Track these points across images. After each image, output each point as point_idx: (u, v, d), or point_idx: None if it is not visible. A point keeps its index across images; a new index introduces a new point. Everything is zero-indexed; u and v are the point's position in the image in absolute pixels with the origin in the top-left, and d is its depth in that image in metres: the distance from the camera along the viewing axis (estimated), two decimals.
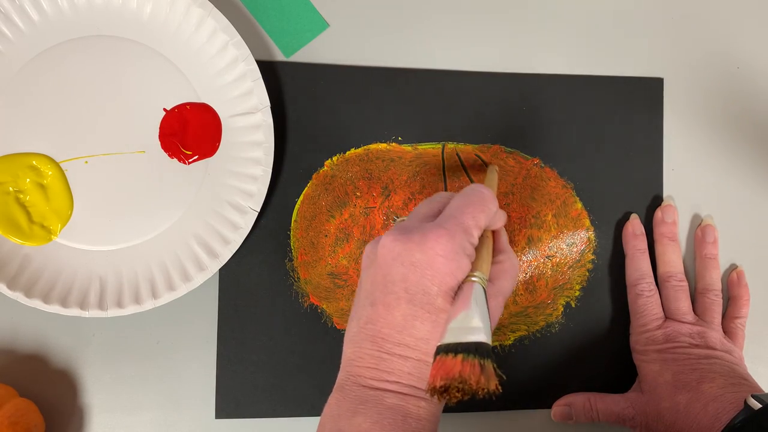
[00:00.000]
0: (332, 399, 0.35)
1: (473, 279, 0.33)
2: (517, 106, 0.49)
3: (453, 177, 0.48)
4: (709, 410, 0.42)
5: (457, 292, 0.33)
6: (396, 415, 0.33)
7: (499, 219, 0.38)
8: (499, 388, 0.31)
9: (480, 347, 0.31)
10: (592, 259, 0.49)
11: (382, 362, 0.33)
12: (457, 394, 0.31)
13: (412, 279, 0.33)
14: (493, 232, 0.38)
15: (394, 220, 0.37)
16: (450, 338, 0.32)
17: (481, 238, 0.36)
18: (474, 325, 0.31)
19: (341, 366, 0.36)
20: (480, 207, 0.35)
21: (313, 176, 0.48)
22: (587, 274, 0.49)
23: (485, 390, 0.30)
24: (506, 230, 0.48)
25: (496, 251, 0.38)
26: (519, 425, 0.49)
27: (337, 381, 0.35)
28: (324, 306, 0.47)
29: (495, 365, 0.31)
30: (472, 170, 0.48)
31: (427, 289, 0.33)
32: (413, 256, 0.33)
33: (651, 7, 0.51)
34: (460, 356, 0.31)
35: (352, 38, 0.48)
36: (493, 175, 0.44)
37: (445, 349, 0.31)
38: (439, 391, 0.31)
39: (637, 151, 0.50)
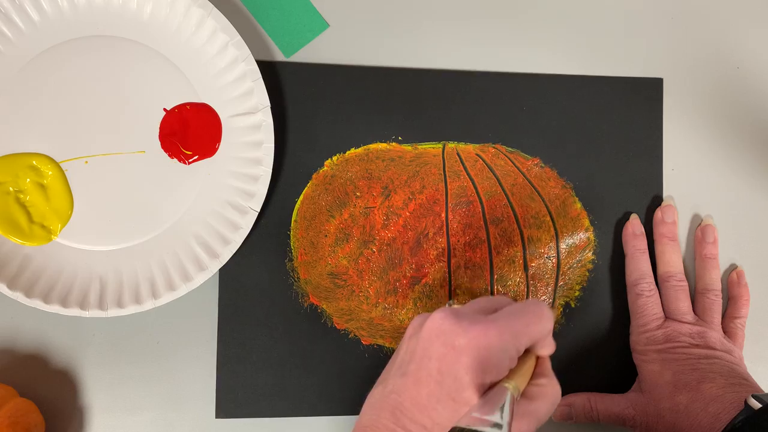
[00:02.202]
0: None
1: (506, 386, 0.32)
2: (517, 106, 0.49)
3: (453, 177, 0.48)
4: (709, 410, 0.42)
5: (487, 391, 0.33)
6: None
7: (547, 345, 0.37)
8: None
9: None
10: (592, 259, 0.49)
11: None
12: None
13: (448, 361, 0.33)
14: (538, 357, 0.37)
15: (449, 304, 0.37)
16: (468, 424, 0.31)
17: (526, 355, 0.36)
18: (494, 421, 0.31)
19: (355, 428, 0.35)
20: (536, 320, 0.35)
21: (313, 176, 0.48)
22: (587, 274, 0.49)
23: None
24: (506, 230, 0.48)
25: (538, 375, 0.37)
26: None
27: None
28: (324, 306, 0.47)
29: None
30: (472, 170, 0.48)
31: (459, 377, 0.32)
32: (457, 340, 0.33)
33: (651, 7, 0.51)
34: None
35: (352, 38, 0.48)
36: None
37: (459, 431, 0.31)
38: None
39: (637, 151, 0.50)
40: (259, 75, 0.45)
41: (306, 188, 0.47)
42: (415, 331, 0.35)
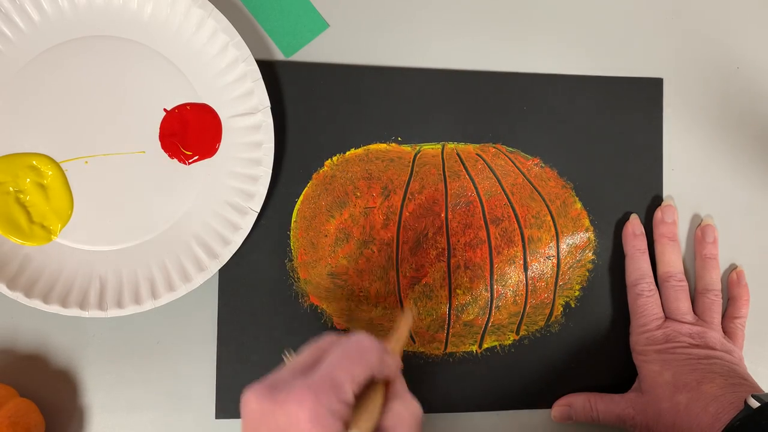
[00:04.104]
0: None
1: None
2: (517, 106, 0.49)
3: (453, 177, 0.48)
4: (709, 410, 0.42)
5: None
6: None
7: (389, 368, 0.34)
8: None
9: None
10: (592, 259, 0.49)
11: None
12: None
13: None
14: (387, 381, 0.35)
15: (284, 357, 0.35)
16: None
17: (369, 389, 0.34)
18: None
19: None
20: (357, 360, 0.32)
21: (313, 176, 0.48)
22: (587, 274, 0.49)
23: None
24: (507, 230, 0.48)
25: (390, 399, 0.34)
26: (519, 425, 0.49)
27: None
28: (324, 306, 0.47)
29: None
30: (472, 170, 0.48)
31: None
32: (277, 419, 0.31)
33: (651, 7, 0.51)
34: None
35: (352, 38, 0.48)
36: (407, 319, 0.42)
37: None
38: None
39: (637, 151, 0.50)
40: (259, 75, 0.45)
41: (306, 188, 0.47)
42: (243, 412, 0.33)
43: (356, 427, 0.32)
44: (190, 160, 0.46)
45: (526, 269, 0.48)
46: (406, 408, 0.34)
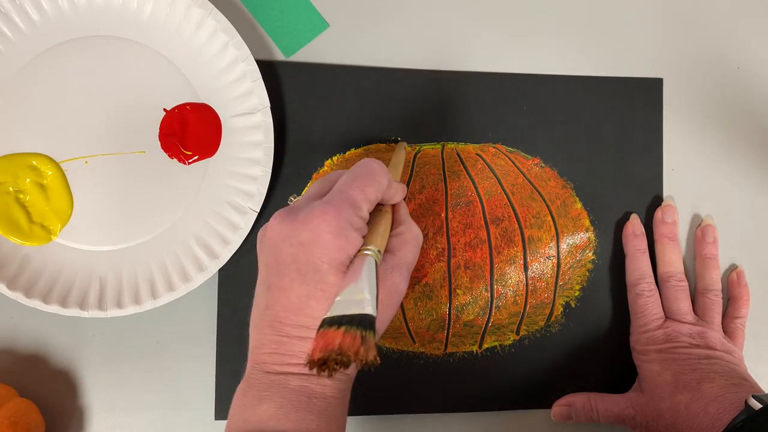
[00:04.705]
0: (239, 390, 0.35)
1: (365, 252, 0.33)
2: (517, 106, 0.49)
3: (453, 177, 0.48)
4: (709, 411, 0.42)
5: (349, 266, 0.33)
6: (300, 396, 0.33)
7: (396, 192, 0.37)
8: (378, 359, 0.30)
9: (364, 319, 0.30)
10: (592, 259, 0.49)
11: (283, 346, 0.33)
12: (335, 366, 0.30)
13: (302, 258, 0.32)
14: (394, 206, 0.38)
15: (289, 200, 0.37)
16: (336, 311, 0.31)
17: (378, 212, 0.36)
18: (360, 297, 0.31)
19: (248, 356, 0.35)
20: (369, 180, 0.35)
21: (313, 176, 0.48)
22: (587, 274, 0.49)
23: (363, 361, 0.30)
24: (507, 230, 0.48)
25: (396, 223, 0.37)
26: (519, 425, 0.49)
27: (245, 372, 0.35)
28: None
29: (375, 336, 0.30)
30: (472, 170, 0.48)
31: (318, 267, 0.32)
32: (300, 236, 0.33)
33: (651, 7, 0.51)
34: (342, 328, 0.30)
35: (352, 38, 0.48)
36: (400, 151, 0.44)
37: (329, 322, 0.31)
38: (318, 364, 0.30)
39: (637, 151, 0.50)
40: (259, 75, 0.45)
41: (306, 188, 0.47)
42: (262, 243, 0.35)
43: (373, 244, 0.34)
44: (190, 160, 0.46)
45: (526, 269, 0.48)
46: (410, 230, 0.37)
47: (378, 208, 0.36)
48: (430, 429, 0.48)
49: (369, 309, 0.31)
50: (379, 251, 0.34)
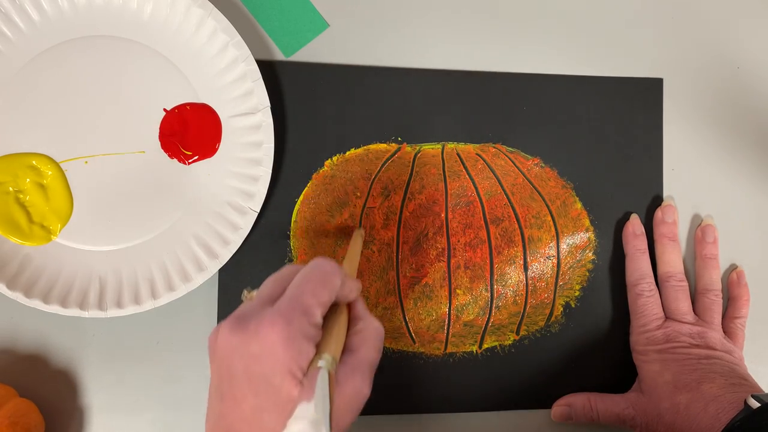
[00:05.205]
0: None
1: (319, 365, 0.31)
2: (517, 106, 0.49)
3: (453, 177, 0.48)
4: (709, 410, 0.42)
5: (303, 377, 0.32)
6: None
7: (351, 290, 0.35)
8: None
9: None
10: (592, 259, 0.49)
11: None
12: None
13: (253, 371, 0.31)
14: (350, 303, 0.36)
15: (243, 296, 0.35)
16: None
17: (332, 313, 0.35)
18: (313, 417, 0.30)
19: None
20: (321, 284, 0.33)
21: (313, 176, 0.48)
22: (587, 274, 0.49)
23: None
24: (507, 230, 0.48)
25: (354, 320, 0.36)
26: (519, 425, 0.49)
27: None
28: None
29: None
30: (472, 170, 0.48)
31: (270, 380, 0.31)
32: (250, 348, 0.31)
33: (651, 7, 0.51)
34: None
35: (352, 38, 0.48)
36: (357, 241, 0.43)
37: None
38: None
39: (637, 151, 0.50)
40: (259, 75, 0.45)
41: (306, 188, 0.47)
42: (213, 350, 0.34)
43: (327, 351, 0.32)
44: (190, 160, 0.46)
45: (526, 269, 0.48)
46: (369, 327, 0.35)
47: (332, 309, 0.35)
48: (430, 429, 0.48)
49: (321, 429, 0.30)
50: (334, 359, 0.32)
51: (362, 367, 0.34)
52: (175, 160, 0.46)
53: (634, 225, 0.49)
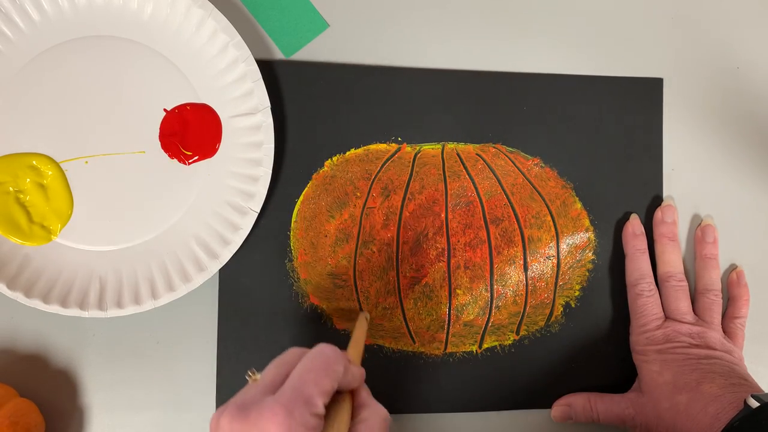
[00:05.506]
0: None
1: None
2: (517, 106, 0.49)
3: (453, 177, 0.48)
4: (709, 410, 0.42)
5: None
6: None
7: (354, 377, 0.35)
8: None
9: None
10: (592, 259, 0.49)
11: None
12: None
13: None
14: (353, 390, 0.36)
15: (248, 376, 0.35)
16: None
17: (336, 401, 0.34)
18: None
19: None
20: (323, 372, 0.33)
21: (313, 176, 0.48)
22: (587, 274, 0.49)
23: None
24: (507, 230, 0.48)
25: (358, 408, 0.35)
26: (519, 425, 0.49)
27: None
28: (324, 306, 0.47)
29: None
30: (472, 170, 0.48)
31: None
32: None
33: (651, 7, 0.51)
34: None
35: (352, 38, 0.48)
36: (361, 325, 0.43)
37: None
38: None
39: (637, 151, 0.50)
40: (260, 75, 0.45)
41: (306, 188, 0.47)
42: None
43: None
44: (190, 160, 0.46)
45: (526, 269, 0.48)
46: (374, 414, 0.35)
47: (335, 397, 0.34)
48: (430, 429, 0.48)
49: None
50: None
51: None
52: (175, 160, 0.46)
53: (634, 225, 0.49)
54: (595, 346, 0.49)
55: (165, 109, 0.46)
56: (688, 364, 0.44)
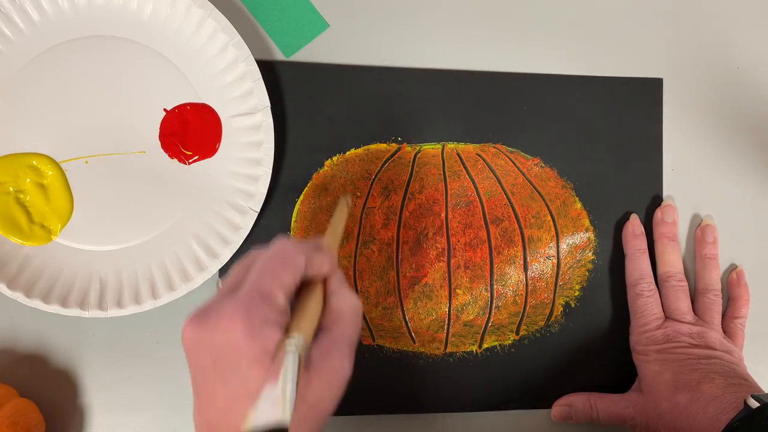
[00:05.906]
0: None
1: (287, 347, 0.31)
2: (517, 106, 0.49)
3: (453, 177, 0.48)
4: (709, 410, 0.42)
5: (274, 359, 0.31)
6: None
7: (322, 264, 0.34)
8: None
9: (276, 430, 0.29)
10: (592, 259, 0.49)
11: None
12: None
13: (220, 362, 0.31)
14: (326, 279, 0.35)
15: (218, 284, 0.34)
16: (251, 421, 0.30)
17: (304, 290, 0.34)
18: (275, 397, 0.30)
19: None
20: (281, 265, 0.32)
21: (313, 176, 0.48)
22: (587, 274, 0.49)
23: None
24: (507, 230, 0.48)
25: (328, 296, 0.34)
26: (519, 425, 0.49)
27: None
28: None
29: None
30: (472, 170, 0.48)
31: (236, 368, 0.30)
32: (213, 341, 0.31)
33: (651, 7, 0.51)
34: None
35: (352, 38, 0.48)
36: (342, 210, 0.42)
37: None
38: None
39: (637, 151, 0.50)
40: (260, 75, 0.45)
41: (306, 188, 0.47)
42: (184, 347, 0.33)
43: (297, 330, 0.31)
44: (190, 160, 0.46)
45: (526, 269, 0.48)
46: (346, 301, 0.34)
47: (306, 286, 0.34)
48: (430, 429, 0.48)
49: (285, 415, 0.30)
50: (302, 341, 0.31)
51: (339, 345, 0.33)
52: (175, 160, 0.46)
53: (634, 225, 0.49)
54: (595, 346, 0.49)
55: (165, 109, 0.46)
56: (688, 364, 0.44)
